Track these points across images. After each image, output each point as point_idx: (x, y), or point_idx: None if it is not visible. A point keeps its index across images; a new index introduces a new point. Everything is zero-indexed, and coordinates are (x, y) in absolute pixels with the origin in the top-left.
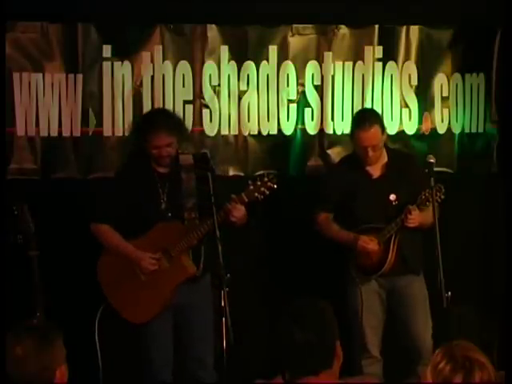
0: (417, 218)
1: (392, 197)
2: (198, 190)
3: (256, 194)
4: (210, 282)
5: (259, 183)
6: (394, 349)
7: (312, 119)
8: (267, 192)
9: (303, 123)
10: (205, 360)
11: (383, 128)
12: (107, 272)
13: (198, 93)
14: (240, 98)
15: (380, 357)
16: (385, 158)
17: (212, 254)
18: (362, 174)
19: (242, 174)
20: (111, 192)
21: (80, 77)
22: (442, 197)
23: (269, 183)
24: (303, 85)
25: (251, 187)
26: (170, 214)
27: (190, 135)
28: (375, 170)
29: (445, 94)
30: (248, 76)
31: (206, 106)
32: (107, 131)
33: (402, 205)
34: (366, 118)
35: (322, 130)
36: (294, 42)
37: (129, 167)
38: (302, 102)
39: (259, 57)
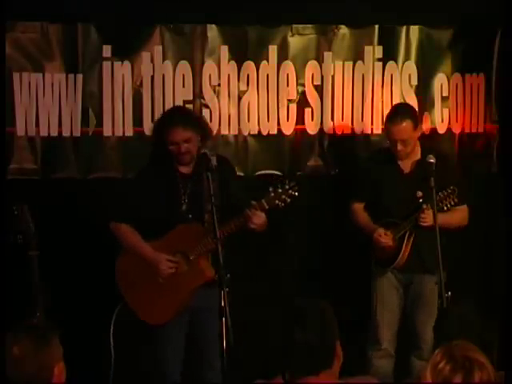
0: (429, 217)
1: (418, 194)
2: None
3: (277, 202)
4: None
5: (280, 190)
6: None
7: (312, 119)
8: (288, 200)
9: (303, 123)
10: (214, 362)
11: (416, 124)
12: (125, 272)
13: (198, 93)
14: (240, 98)
15: (393, 353)
16: (418, 155)
17: (231, 258)
18: (393, 167)
19: (241, 173)
20: (132, 191)
21: (80, 77)
22: (456, 200)
23: (290, 191)
24: (303, 85)
25: (272, 194)
26: (190, 216)
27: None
28: (406, 166)
29: (445, 93)
30: (248, 76)
31: (206, 106)
32: (107, 131)
33: (421, 205)
34: (398, 112)
35: (321, 130)
36: (294, 42)
37: (151, 167)
38: (302, 102)
39: (259, 57)
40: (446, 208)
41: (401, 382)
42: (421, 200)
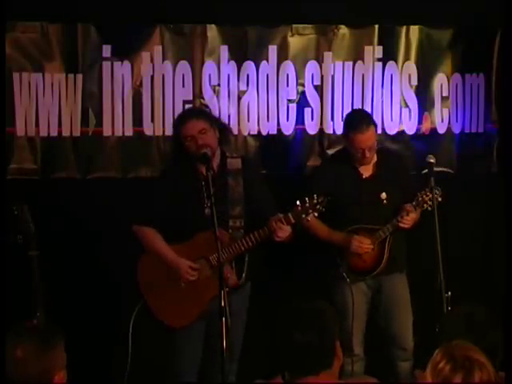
0: (412, 219)
1: (383, 195)
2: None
3: (303, 216)
4: (249, 291)
5: (308, 205)
6: (376, 348)
7: (312, 119)
8: (316, 215)
9: (303, 123)
10: (229, 366)
11: (376, 127)
12: (148, 272)
13: (198, 93)
14: (240, 98)
15: (363, 355)
16: (374, 158)
17: (255, 263)
18: (352, 173)
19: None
20: (155, 195)
21: (80, 77)
22: (439, 199)
23: (318, 206)
24: (303, 85)
25: (299, 208)
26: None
27: None
28: (366, 170)
29: (445, 93)
30: (248, 76)
31: (206, 106)
32: (107, 131)
33: (392, 204)
34: (362, 120)
35: (321, 130)
36: (294, 42)
37: (173, 170)
38: (302, 102)
39: (259, 57)
40: (430, 208)
41: (401, 382)
42: (385, 201)
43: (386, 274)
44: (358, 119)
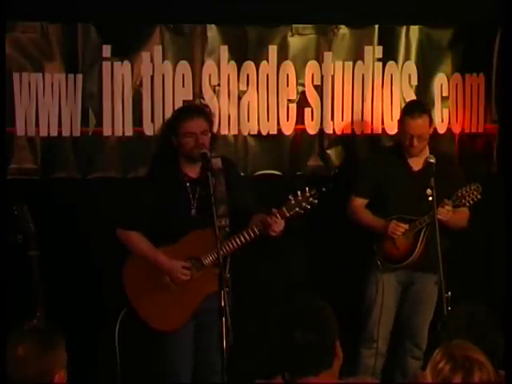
0: (449, 212)
1: (429, 191)
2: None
3: (297, 209)
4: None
5: (300, 198)
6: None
7: (312, 119)
8: (309, 207)
9: (303, 123)
10: (216, 364)
11: (431, 120)
12: (133, 281)
13: (198, 93)
14: (240, 98)
15: (385, 352)
16: (427, 153)
17: (239, 259)
18: (402, 165)
19: (241, 174)
20: (139, 197)
21: (80, 77)
22: (479, 196)
23: (311, 199)
24: (303, 85)
25: (292, 201)
26: (200, 219)
27: None
28: (416, 163)
29: (445, 93)
30: (248, 76)
31: (206, 106)
32: (107, 131)
33: (437, 201)
34: (416, 107)
35: (321, 130)
36: (294, 42)
37: (157, 171)
38: (302, 102)
39: (259, 57)
40: (468, 204)
41: (400, 382)
42: (430, 198)
43: (420, 270)
44: (413, 105)
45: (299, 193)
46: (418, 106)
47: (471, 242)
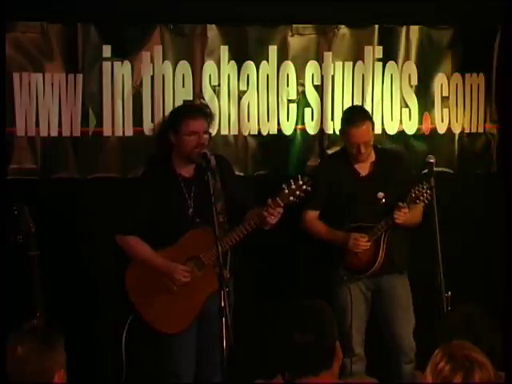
0: (405, 215)
1: (380, 195)
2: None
3: (291, 198)
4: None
5: (294, 187)
6: (377, 348)
7: (312, 119)
8: (302, 195)
9: (303, 123)
10: (219, 365)
11: (373, 125)
12: (136, 285)
13: (198, 93)
14: (240, 98)
15: (364, 356)
16: (373, 157)
17: (239, 258)
18: (349, 171)
19: (241, 174)
20: (135, 201)
21: (80, 77)
22: (429, 198)
23: (304, 186)
24: (303, 85)
25: (286, 191)
26: (198, 220)
27: None
28: (363, 168)
29: (445, 93)
30: (248, 76)
31: (207, 106)
32: (107, 131)
33: (390, 203)
34: (357, 115)
35: (321, 130)
36: (294, 42)
37: (151, 173)
38: (302, 102)
39: (259, 57)
40: (423, 204)
41: (400, 383)
42: (383, 201)
43: (385, 274)
44: (354, 114)
45: (292, 181)
46: (360, 113)
47: (471, 242)
